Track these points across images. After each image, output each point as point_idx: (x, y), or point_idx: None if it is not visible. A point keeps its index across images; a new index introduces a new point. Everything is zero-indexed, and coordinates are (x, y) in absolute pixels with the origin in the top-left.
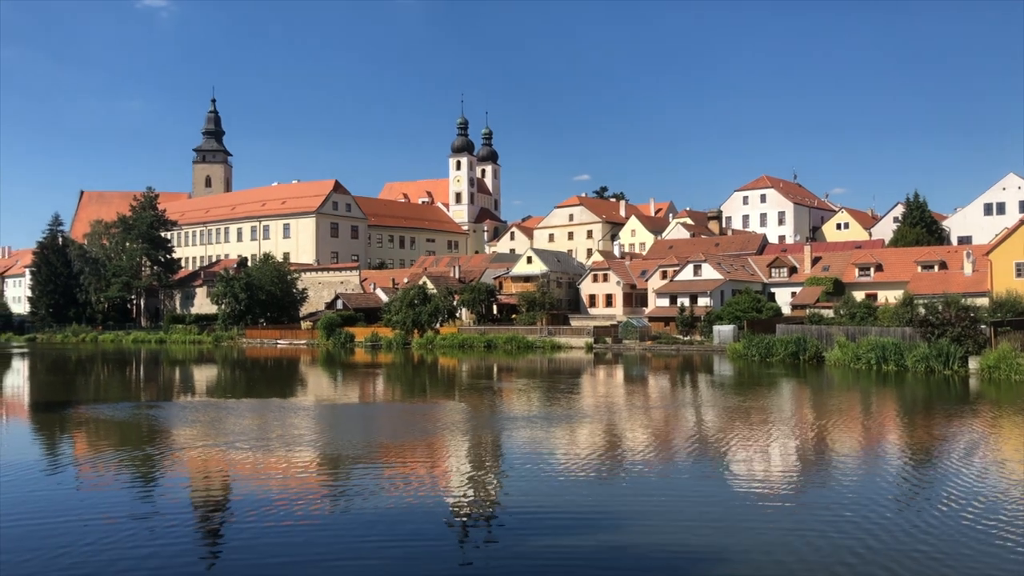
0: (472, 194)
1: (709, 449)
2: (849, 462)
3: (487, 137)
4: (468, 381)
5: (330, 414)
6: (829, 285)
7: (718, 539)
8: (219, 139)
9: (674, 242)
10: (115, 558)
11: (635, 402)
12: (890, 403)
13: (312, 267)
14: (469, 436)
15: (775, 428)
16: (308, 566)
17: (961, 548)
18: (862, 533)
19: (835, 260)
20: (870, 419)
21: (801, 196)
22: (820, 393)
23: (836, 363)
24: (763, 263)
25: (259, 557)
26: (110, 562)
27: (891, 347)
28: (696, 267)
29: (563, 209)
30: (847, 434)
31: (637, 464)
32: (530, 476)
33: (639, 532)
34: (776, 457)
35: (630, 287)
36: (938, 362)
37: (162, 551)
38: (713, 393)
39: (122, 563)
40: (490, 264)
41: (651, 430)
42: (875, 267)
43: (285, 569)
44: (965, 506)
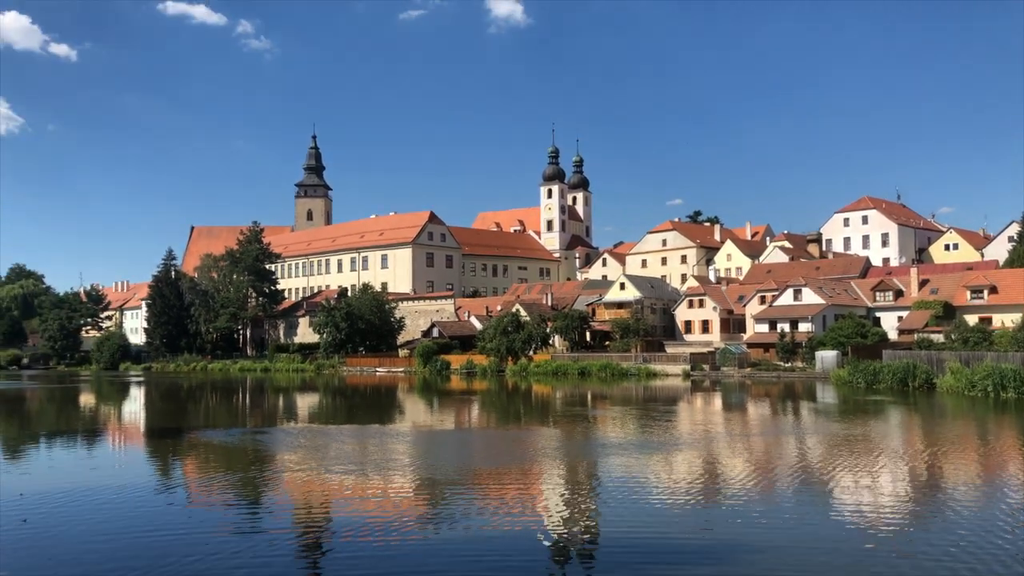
0: (563, 221)
1: (813, 480)
2: (963, 496)
3: (578, 164)
4: (562, 408)
5: (426, 440)
6: (938, 309)
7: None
8: (319, 174)
9: (772, 266)
10: (216, 572)
11: (734, 430)
12: (1009, 432)
13: (409, 296)
14: (563, 463)
15: (883, 458)
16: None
17: None
18: (975, 569)
19: (944, 283)
20: (988, 449)
21: (905, 217)
22: (932, 422)
23: (948, 390)
24: (867, 287)
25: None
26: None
27: (1010, 373)
28: (796, 291)
29: (656, 234)
30: (962, 466)
31: (737, 494)
32: (625, 504)
33: (739, 565)
34: (885, 489)
35: (727, 312)
36: None
37: (261, 570)
38: (816, 421)
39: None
40: (582, 291)
41: (752, 459)
42: (989, 289)
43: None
44: None
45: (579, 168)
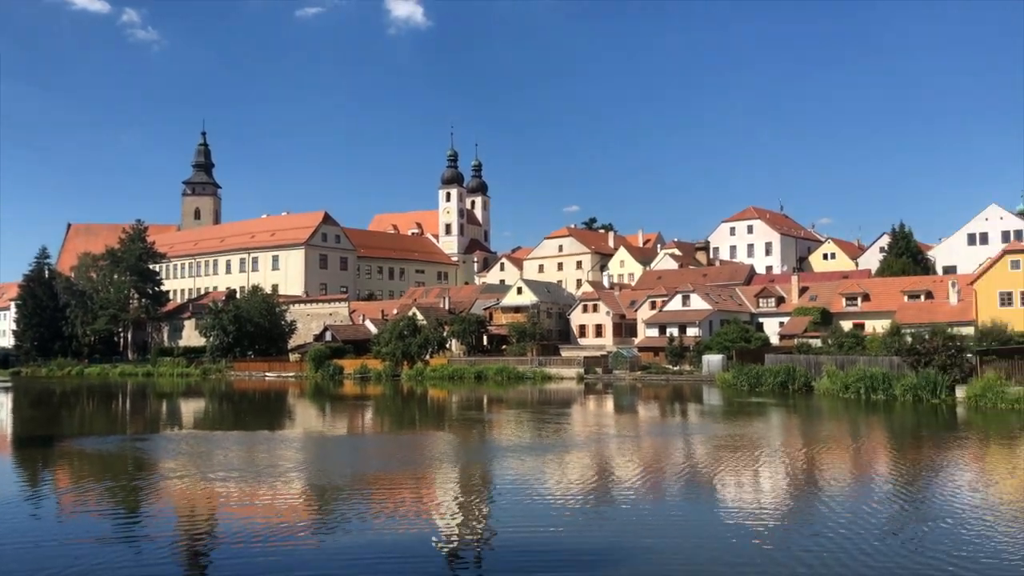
0: (462, 225)
1: (700, 479)
2: (838, 491)
3: (476, 169)
4: (458, 412)
5: (318, 446)
6: (816, 315)
7: (710, 571)
8: (208, 172)
9: (663, 273)
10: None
11: (625, 431)
12: (879, 432)
13: (301, 299)
14: (458, 467)
15: (765, 457)
16: None
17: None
18: (850, 562)
19: (822, 290)
20: (860, 448)
21: (787, 227)
22: (809, 422)
23: (825, 392)
24: (751, 293)
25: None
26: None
27: (879, 376)
28: (685, 297)
29: (553, 240)
30: (837, 463)
31: (628, 495)
32: (519, 506)
33: (629, 564)
34: (766, 486)
35: (620, 317)
36: (926, 391)
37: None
38: (702, 422)
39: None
40: (480, 295)
41: (642, 460)
42: (862, 297)
43: None
44: (952, 533)
45: (478, 172)
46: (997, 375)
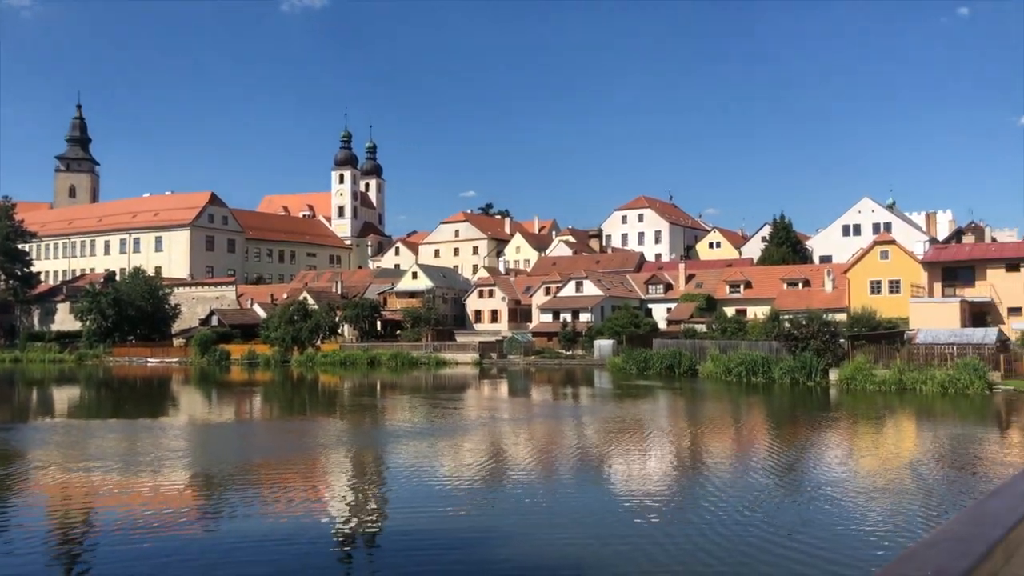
0: (355, 208)
1: (589, 460)
2: (719, 469)
3: (371, 151)
4: (350, 398)
5: (203, 433)
6: (702, 301)
7: (597, 551)
8: (85, 147)
9: (557, 259)
10: None
11: (519, 415)
12: (758, 413)
13: (186, 282)
14: (349, 453)
15: (651, 438)
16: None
17: (817, 547)
18: (732, 537)
19: (708, 277)
20: (740, 428)
21: (676, 216)
22: (694, 404)
23: (709, 375)
24: (641, 280)
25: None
26: None
27: (759, 360)
28: (578, 283)
29: (449, 225)
30: (719, 443)
31: (519, 477)
32: (412, 490)
33: (521, 547)
34: (652, 466)
35: (515, 303)
36: (802, 374)
37: (22, 569)
38: (593, 405)
39: None
40: (374, 279)
41: (534, 442)
42: (744, 284)
43: None
44: (825, 506)
45: (372, 155)
46: (866, 359)
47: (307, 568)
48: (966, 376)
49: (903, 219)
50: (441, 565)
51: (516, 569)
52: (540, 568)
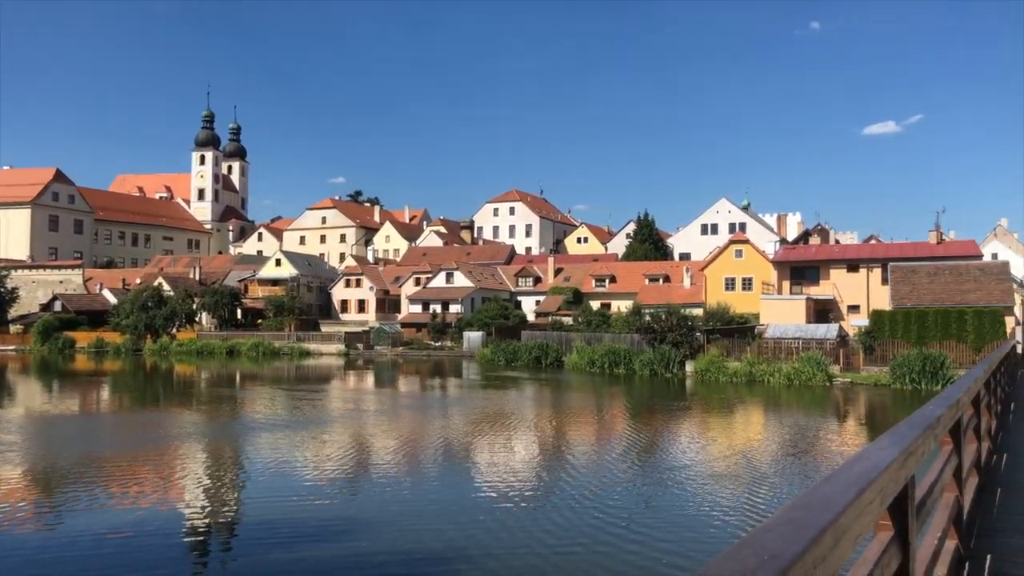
0: (217, 191)
1: (454, 451)
2: (578, 458)
3: (235, 132)
4: (207, 389)
5: (43, 426)
6: (570, 295)
7: (458, 542)
8: None
9: (428, 249)
10: None
11: (385, 406)
12: (618, 403)
13: (25, 264)
14: (206, 446)
15: (516, 429)
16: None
17: (667, 530)
18: (577, 521)
19: (575, 271)
20: (600, 418)
21: (547, 210)
22: (558, 395)
23: (574, 367)
24: (511, 272)
25: None
26: None
27: (622, 352)
28: (448, 275)
29: (316, 211)
30: (579, 432)
31: (384, 469)
32: (271, 483)
33: (382, 536)
34: (515, 455)
35: (383, 293)
36: (660, 366)
37: None
38: (461, 396)
39: None
40: (235, 266)
41: (399, 434)
42: (609, 279)
43: None
44: (673, 490)
45: (236, 136)
46: (720, 352)
47: (159, 560)
48: (810, 369)
49: (757, 220)
50: (300, 555)
51: (376, 558)
52: (399, 556)
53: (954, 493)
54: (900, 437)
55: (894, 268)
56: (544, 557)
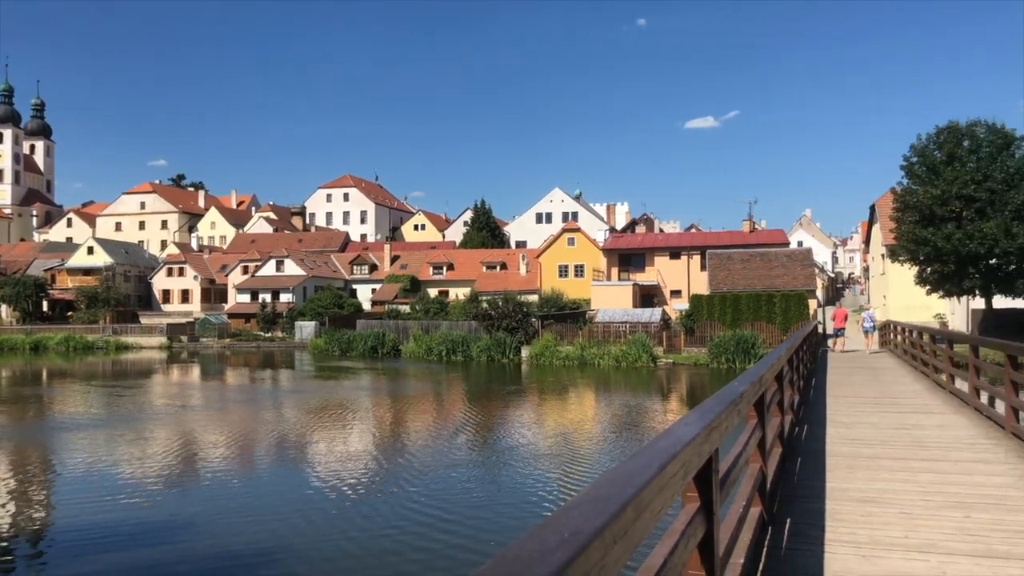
0: (17, 172)
1: (287, 445)
2: (414, 446)
3: (38, 108)
4: (8, 388)
5: None
6: (407, 282)
7: (284, 540)
8: None
9: (257, 236)
10: None
11: (211, 401)
12: (455, 390)
13: None
14: (10, 450)
15: (351, 419)
16: None
17: (493, 510)
18: (398, 507)
19: (412, 259)
20: (436, 405)
21: (382, 197)
22: (395, 384)
23: (412, 355)
24: (345, 260)
25: None
26: None
27: (459, 339)
28: (279, 263)
29: (133, 196)
30: (412, 420)
31: (212, 466)
32: (89, 487)
33: (206, 538)
34: (348, 446)
35: (209, 282)
36: (497, 352)
37: None
38: (293, 388)
39: None
40: (40, 254)
41: (226, 430)
42: (447, 266)
43: None
44: (502, 471)
45: (40, 113)
46: (553, 337)
47: None
48: (636, 351)
49: (588, 209)
50: (120, 558)
51: (200, 556)
52: (222, 554)
53: (758, 463)
54: (705, 413)
55: (711, 255)
56: (359, 542)
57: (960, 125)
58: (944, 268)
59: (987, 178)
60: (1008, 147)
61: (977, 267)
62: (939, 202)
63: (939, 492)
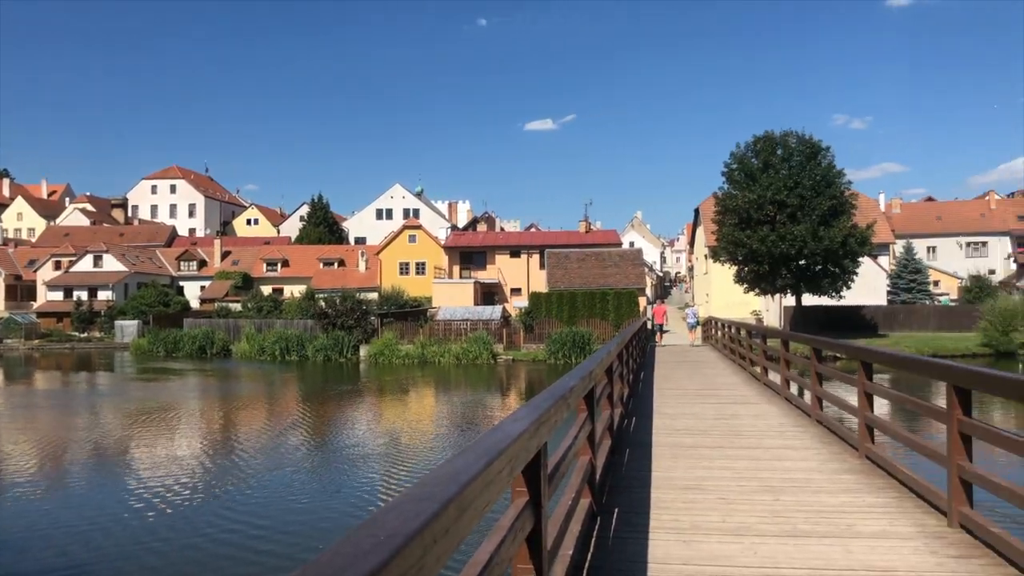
0: None
1: (104, 453)
2: (241, 450)
3: None
4: None
5: None
6: (239, 279)
7: (97, 543)
8: None
9: (71, 229)
10: None
11: (16, 407)
12: (288, 390)
13: None
14: None
15: (176, 423)
16: None
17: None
18: (220, 512)
19: (245, 255)
20: (267, 407)
21: (213, 190)
22: (224, 385)
23: (243, 355)
24: (172, 256)
25: None
26: None
27: (294, 338)
28: (97, 258)
29: None
30: (243, 423)
31: (13, 480)
32: None
33: (15, 552)
34: (180, 455)
35: (15, 278)
36: (334, 351)
37: None
38: (113, 391)
39: None
40: None
41: (35, 439)
42: (282, 263)
43: None
44: (332, 473)
45: None
46: (393, 335)
47: None
48: (476, 348)
49: (430, 206)
50: None
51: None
52: (34, 571)
53: (588, 456)
54: (535, 408)
55: (550, 254)
56: (163, 555)
57: (775, 135)
58: (759, 268)
59: (797, 184)
60: (815, 156)
61: (788, 267)
62: (755, 206)
63: (753, 477)
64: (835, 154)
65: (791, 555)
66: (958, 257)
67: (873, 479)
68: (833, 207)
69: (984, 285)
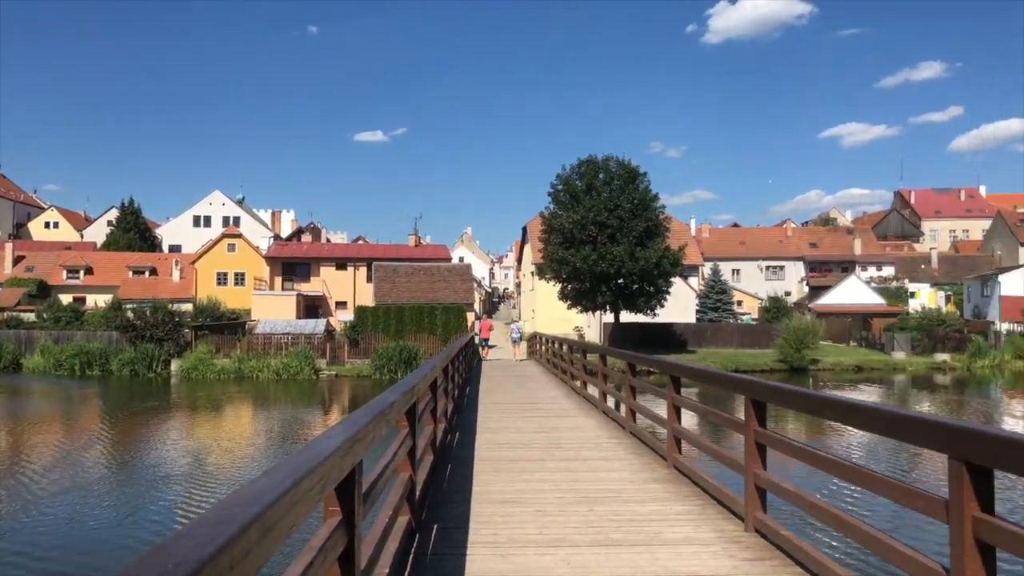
0: None
1: None
2: (23, 476)
3: None
4: None
5: None
6: (33, 287)
7: None
8: None
9: None
10: None
11: None
12: (87, 409)
13: None
14: None
15: None
16: None
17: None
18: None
19: (42, 260)
20: (62, 427)
21: (5, 188)
22: (13, 402)
23: (36, 369)
24: None
25: None
26: None
27: (97, 351)
28: None
29: None
30: (29, 445)
31: None
32: None
33: None
34: None
35: None
36: (143, 365)
37: None
38: None
39: None
40: None
41: None
42: (85, 270)
43: None
44: (123, 497)
45: None
46: (208, 348)
47: None
48: (298, 363)
49: (252, 215)
50: None
51: None
52: None
53: (408, 472)
54: (350, 425)
55: (378, 267)
56: None
57: (597, 159)
58: (582, 286)
59: (617, 207)
60: (633, 180)
61: (608, 285)
62: (579, 226)
63: (570, 489)
64: (652, 179)
65: (602, 564)
66: (759, 279)
67: (680, 488)
68: (648, 229)
69: (781, 306)
